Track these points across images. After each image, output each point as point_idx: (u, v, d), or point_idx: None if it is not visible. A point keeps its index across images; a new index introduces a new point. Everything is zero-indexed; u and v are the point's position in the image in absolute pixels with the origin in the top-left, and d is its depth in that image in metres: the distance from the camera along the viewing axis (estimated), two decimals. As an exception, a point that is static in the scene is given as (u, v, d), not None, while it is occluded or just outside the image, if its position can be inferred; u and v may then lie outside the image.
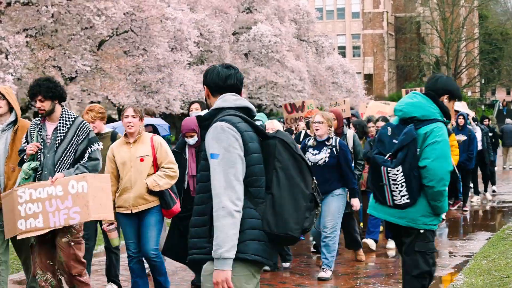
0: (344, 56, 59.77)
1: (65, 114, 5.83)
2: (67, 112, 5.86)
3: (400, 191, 5.13)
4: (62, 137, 5.75)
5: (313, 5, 59.33)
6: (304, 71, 38.63)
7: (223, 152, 3.50)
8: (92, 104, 7.34)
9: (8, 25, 22.83)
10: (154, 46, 25.93)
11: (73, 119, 5.83)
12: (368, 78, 66.30)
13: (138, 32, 25.79)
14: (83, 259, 5.87)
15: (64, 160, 5.72)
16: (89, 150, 5.80)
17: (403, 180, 5.10)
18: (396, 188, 5.13)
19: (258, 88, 37.47)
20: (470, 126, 14.33)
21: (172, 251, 7.10)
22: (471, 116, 16.20)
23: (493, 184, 17.65)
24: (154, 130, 8.37)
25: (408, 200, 5.14)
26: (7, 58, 22.32)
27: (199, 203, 3.66)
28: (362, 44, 68.26)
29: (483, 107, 65.04)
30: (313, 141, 8.11)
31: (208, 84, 3.74)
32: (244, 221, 3.51)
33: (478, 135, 15.02)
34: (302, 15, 41.34)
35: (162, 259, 6.73)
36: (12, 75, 22.00)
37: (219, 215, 3.45)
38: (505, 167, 26.23)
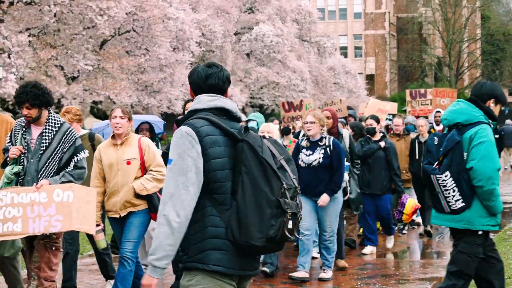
0: (345, 56, 59.75)
1: (51, 119, 5.66)
2: (54, 117, 5.69)
3: (453, 196, 5.26)
4: (47, 143, 5.59)
5: (315, 5, 59.27)
6: (306, 72, 38.65)
7: (177, 159, 3.40)
8: (69, 106, 7.17)
9: (10, 24, 22.87)
10: (156, 46, 25.97)
11: (59, 125, 5.67)
12: (369, 78, 66.26)
13: (140, 32, 25.83)
14: (55, 267, 5.68)
15: (48, 168, 5.58)
16: (75, 158, 5.65)
17: (454, 184, 5.24)
18: (449, 193, 5.27)
19: (259, 88, 37.45)
20: None
21: None
22: None
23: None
24: (150, 127, 8.25)
25: (463, 204, 5.26)
26: (9, 58, 22.36)
27: None
28: (364, 45, 68.21)
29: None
30: (306, 141, 7.92)
31: (190, 84, 3.66)
32: (207, 229, 3.39)
33: None
34: (304, 16, 41.36)
35: (134, 264, 6.46)
36: (14, 75, 22.06)
37: (159, 222, 3.37)
38: (506, 168, 26.21)
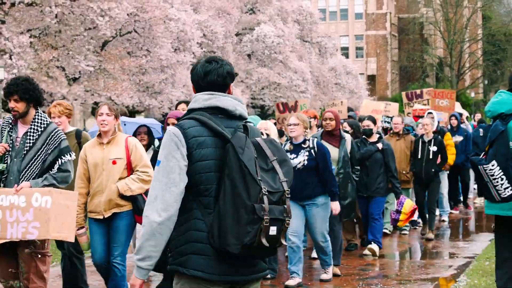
0: (347, 57, 59.78)
1: (37, 119, 5.45)
2: (40, 116, 5.48)
3: (502, 184, 5.31)
4: (31, 144, 5.39)
5: (316, 6, 59.27)
6: (307, 72, 38.65)
7: (163, 160, 3.34)
8: (61, 100, 7.08)
9: (12, 25, 22.89)
10: (157, 46, 25.99)
11: (45, 125, 5.46)
12: (371, 79, 66.24)
13: (142, 32, 25.85)
14: (46, 274, 5.43)
15: (31, 169, 5.37)
16: (59, 161, 5.42)
17: (501, 173, 5.29)
18: (497, 182, 5.32)
19: (261, 89, 37.45)
20: (464, 126, 14.34)
21: None
22: (465, 116, 16.26)
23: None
24: (148, 131, 8.04)
25: None
26: (11, 59, 22.39)
27: None
28: (365, 45, 68.20)
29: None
30: (289, 145, 7.70)
31: (192, 81, 3.57)
32: (190, 233, 3.32)
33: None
34: (305, 16, 41.39)
35: (125, 268, 6.30)
36: (16, 76, 22.07)
37: (143, 223, 3.34)
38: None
